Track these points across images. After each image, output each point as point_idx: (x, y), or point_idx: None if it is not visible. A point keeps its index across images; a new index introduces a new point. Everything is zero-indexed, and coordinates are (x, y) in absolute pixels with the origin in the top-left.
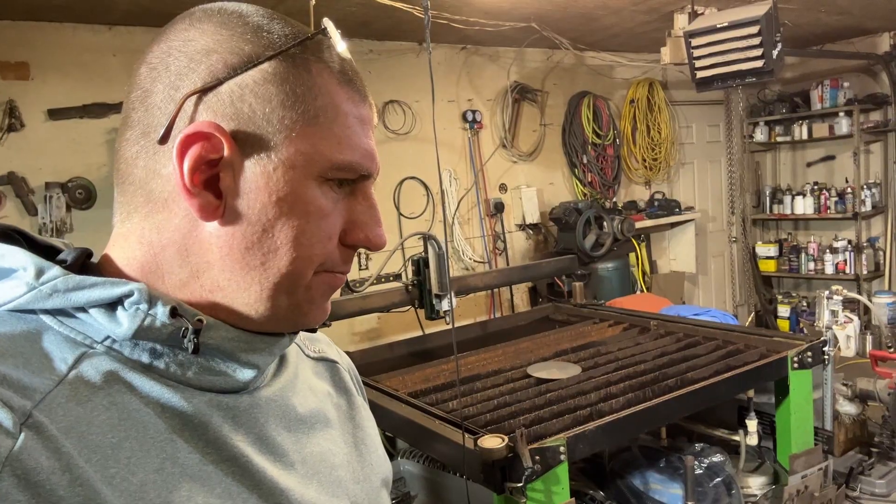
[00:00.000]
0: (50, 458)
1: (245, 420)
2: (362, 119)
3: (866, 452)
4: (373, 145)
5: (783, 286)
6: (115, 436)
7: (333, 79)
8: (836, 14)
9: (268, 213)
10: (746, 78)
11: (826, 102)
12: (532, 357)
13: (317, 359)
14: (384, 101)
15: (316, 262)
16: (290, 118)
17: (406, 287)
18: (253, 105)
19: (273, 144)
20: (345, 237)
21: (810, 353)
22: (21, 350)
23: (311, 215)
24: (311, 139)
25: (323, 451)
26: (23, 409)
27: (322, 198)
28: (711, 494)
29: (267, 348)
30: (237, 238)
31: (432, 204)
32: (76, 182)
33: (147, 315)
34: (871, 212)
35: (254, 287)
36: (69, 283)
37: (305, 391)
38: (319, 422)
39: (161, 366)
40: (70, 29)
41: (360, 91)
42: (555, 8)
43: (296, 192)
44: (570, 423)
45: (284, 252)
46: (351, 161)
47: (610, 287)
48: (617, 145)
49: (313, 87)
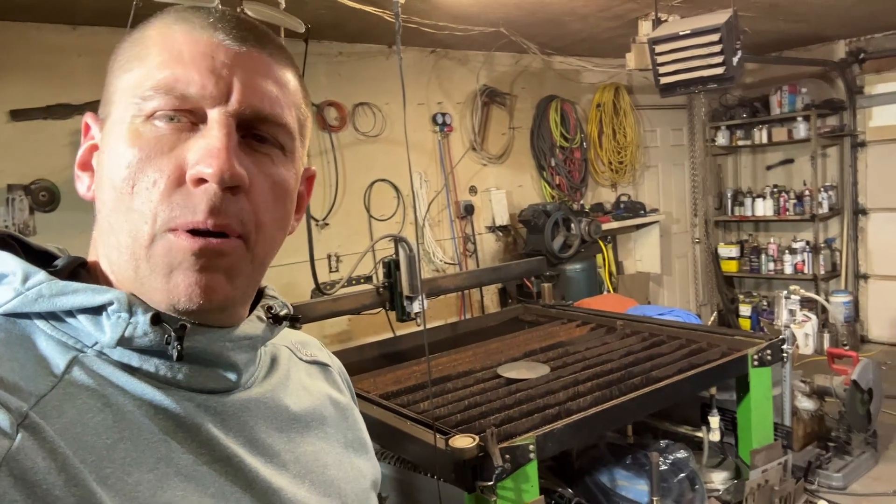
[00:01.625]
0: (46, 458)
1: (234, 423)
2: (195, 44)
3: (824, 447)
4: (208, 65)
5: (744, 286)
6: (110, 437)
7: (163, 25)
8: (794, 22)
9: (99, 175)
10: (708, 84)
11: (785, 107)
12: (502, 357)
13: (309, 362)
14: (354, 103)
15: (144, 216)
16: (110, 79)
17: (377, 289)
18: (105, 87)
19: (105, 113)
20: (183, 178)
21: (769, 351)
22: (16, 354)
23: (120, 160)
24: (123, 86)
25: (316, 450)
26: (19, 410)
27: (139, 139)
28: (676, 489)
29: (249, 344)
30: (98, 210)
31: (402, 206)
32: (39, 184)
33: (129, 324)
34: (828, 213)
35: (116, 258)
36: (53, 289)
37: (299, 391)
38: (314, 420)
39: (151, 369)
40: (34, 29)
41: (201, 23)
42: (523, 13)
43: (114, 142)
44: (539, 423)
45: (109, 211)
46: (158, 82)
47: (578, 288)
48: (584, 148)
49: (137, 42)
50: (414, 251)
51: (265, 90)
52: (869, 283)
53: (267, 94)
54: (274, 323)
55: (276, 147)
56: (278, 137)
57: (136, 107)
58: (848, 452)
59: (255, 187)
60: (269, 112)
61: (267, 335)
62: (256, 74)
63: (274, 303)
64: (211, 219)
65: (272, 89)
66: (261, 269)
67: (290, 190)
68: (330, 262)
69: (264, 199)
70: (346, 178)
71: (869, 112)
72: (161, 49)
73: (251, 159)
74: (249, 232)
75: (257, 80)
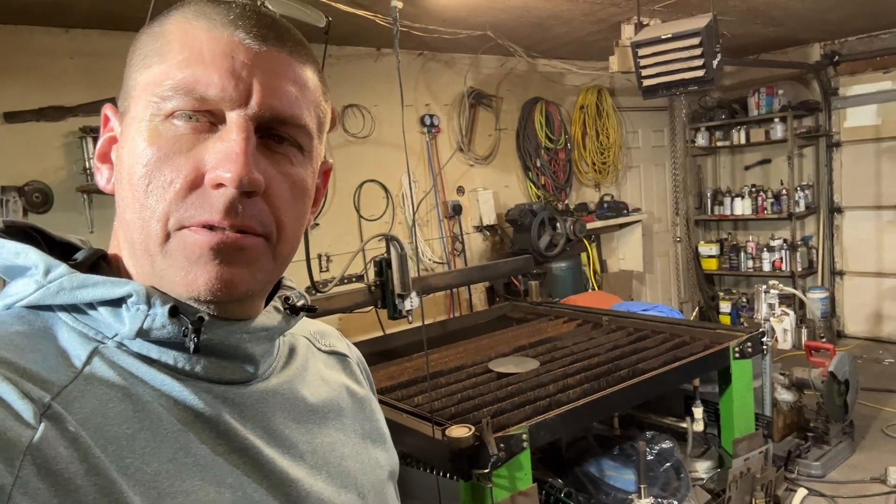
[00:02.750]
0: (68, 447)
1: (252, 414)
2: (216, 42)
3: (803, 437)
4: (228, 67)
5: (724, 283)
6: (130, 427)
7: (183, 20)
8: (771, 26)
9: (119, 169)
10: (689, 86)
11: (762, 109)
12: (492, 353)
13: (328, 352)
14: (343, 105)
15: (157, 214)
16: (129, 73)
17: (369, 287)
18: (125, 80)
19: (124, 107)
20: (200, 180)
21: (750, 343)
22: (39, 346)
23: (138, 158)
24: (143, 82)
25: (333, 441)
26: (42, 400)
27: (158, 138)
28: (662, 478)
29: (266, 335)
30: (118, 204)
31: (392, 206)
32: (33, 186)
33: (147, 315)
34: (804, 212)
35: (133, 252)
36: (74, 282)
37: (317, 382)
38: (332, 411)
39: (170, 361)
40: (26, 32)
41: (221, 19)
42: (509, 17)
43: (133, 139)
44: (531, 413)
45: (126, 206)
46: (178, 82)
47: (564, 285)
48: (568, 149)
49: (157, 37)
50: (406, 250)
51: (285, 91)
52: (844, 280)
53: (286, 95)
54: (291, 314)
55: (295, 147)
56: (297, 138)
57: (155, 105)
58: (826, 442)
59: (273, 189)
60: (288, 114)
61: (283, 326)
62: (276, 75)
63: (291, 293)
64: (227, 219)
65: (292, 90)
66: (282, 266)
67: (308, 189)
68: (320, 261)
69: (283, 199)
70: (336, 178)
71: (843, 113)
72: (182, 46)
73: (270, 160)
74: (271, 232)
75: (277, 82)
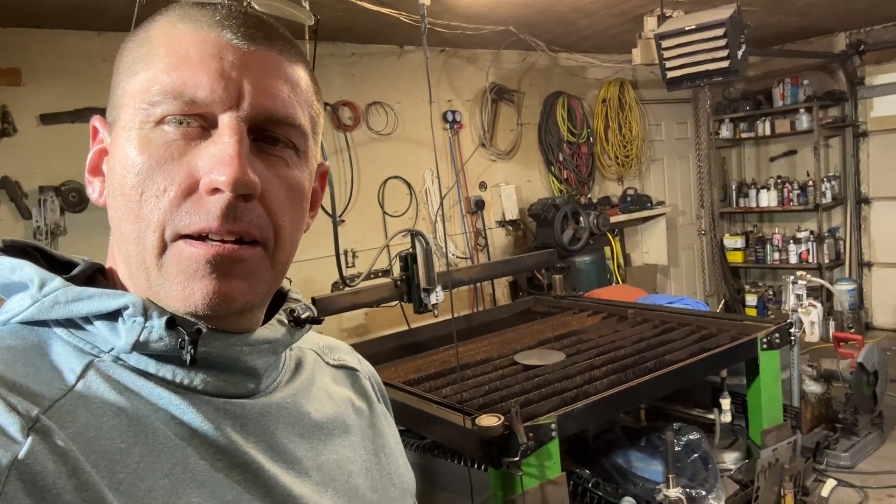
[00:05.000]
0: (56, 462)
1: (254, 428)
2: (203, 44)
3: (831, 428)
4: (217, 68)
5: (750, 276)
6: (124, 441)
7: (168, 24)
8: (796, 15)
9: (111, 181)
10: (714, 77)
11: (787, 99)
12: (517, 346)
13: (336, 366)
14: (367, 102)
15: (152, 224)
16: (117, 81)
17: (395, 282)
18: (112, 90)
19: (113, 117)
20: (195, 186)
21: (778, 334)
22: (31, 360)
23: (129, 168)
24: (131, 89)
25: (340, 458)
26: (29, 414)
27: (149, 146)
28: (690, 469)
29: (269, 348)
30: (111, 217)
31: (415, 202)
32: (69, 185)
33: (144, 328)
34: (831, 203)
35: (128, 266)
36: (69, 295)
37: (322, 397)
38: (337, 428)
39: (168, 375)
40: (61, 35)
41: (207, 21)
42: (532, 12)
43: (123, 149)
44: (559, 404)
45: (120, 218)
46: (166, 86)
47: (587, 279)
48: (591, 143)
49: (143, 43)
50: (430, 245)
51: (276, 91)
52: (872, 271)
53: (279, 95)
54: (295, 326)
55: (290, 148)
56: (291, 138)
57: (144, 112)
58: (855, 433)
59: (269, 192)
60: (281, 114)
61: (288, 339)
62: (267, 75)
63: (296, 305)
64: (225, 225)
65: (283, 89)
66: (281, 274)
67: (304, 191)
68: (346, 257)
69: (280, 203)
70: (361, 175)
71: (870, 102)
72: (168, 50)
73: (265, 163)
74: (268, 238)
75: (268, 81)
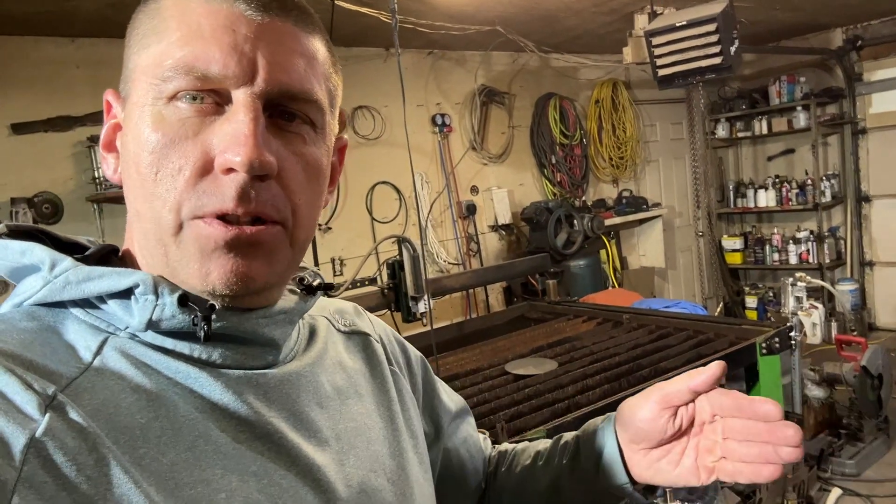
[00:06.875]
0: (76, 438)
1: (277, 396)
2: (214, 15)
3: (835, 434)
4: (229, 41)
5: (749, 278)
6: (144, 416)
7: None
8: (791, 11)
9: (125, 158)
10: (706, 74)
11: (784, 97)
12: (509, 355)
13: (348, 333)
14: (353, 106)
15: (168, 204)
16: (129, 55)
17: (382, 290)
18: (125, 62)
19: (126, 91)
20: (210, 165)
21: (777, 338)
22: (48, 340)
23: (143, 145)
24: (143, 64)
25: (358, 426)
26: (46, 392)
27: (162, 123)
28: None
29: (285, 318)
30: (126, 194)
31: (405, 208)
32: (42, 196)
33: (156, 306)
34: (830, 202)
35: (145, 244)
36: (79, 275)
37: (335, 367)
38: (351, 397)
39: (186, 350)
40: (31, 42)
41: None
42: (518, 10)
43: (136, 125)
44: (549, 416)
45: (136, 196)
46: (178, 60)
47: (582, 284)
48: (584, 145)
49: (154, 14)
50: (418, 251)
51: (293, 65)
52: (875, 271)
53: (295, 69)
54: (307, 293)
55: (307, 124)
56: (309, 114)
57: (156, 88)
58: (860, 439)
59: (287, 170)
60: (297, 89)
61: (302, 307)
62: (282, 48)
63: (305, 273)
64: (241, 206)
65: (300, 63)
66: (301, 252)
67: (323, 168)
68: (334, 266)
69: (298, 181)
70: (348, 181)
71: (868, 99)
72: (179, 23)
73: (281, 140)
74: (286, 218)
75: (284, 55)
